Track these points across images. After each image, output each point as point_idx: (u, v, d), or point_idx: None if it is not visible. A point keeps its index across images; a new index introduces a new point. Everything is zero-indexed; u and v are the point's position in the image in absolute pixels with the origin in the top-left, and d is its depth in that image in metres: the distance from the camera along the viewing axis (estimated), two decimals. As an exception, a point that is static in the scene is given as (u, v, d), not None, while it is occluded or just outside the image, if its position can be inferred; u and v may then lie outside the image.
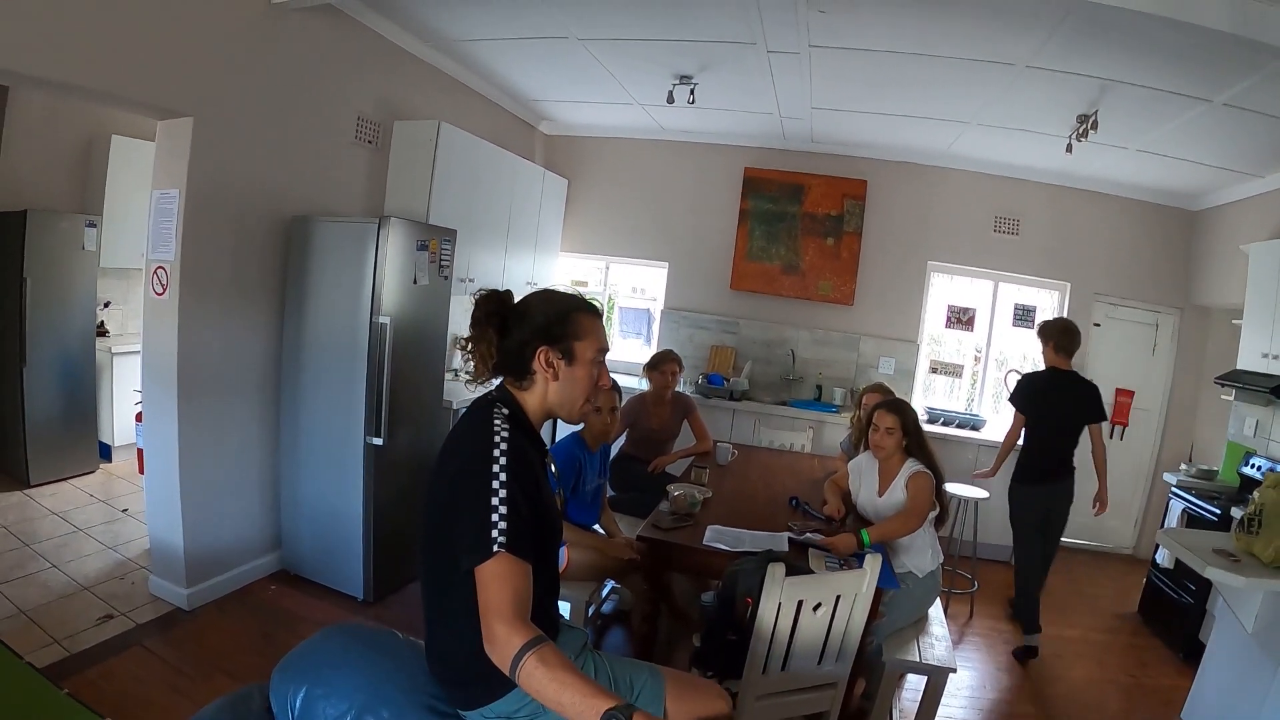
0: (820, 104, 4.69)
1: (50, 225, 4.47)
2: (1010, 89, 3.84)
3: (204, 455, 3.31)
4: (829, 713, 2.39)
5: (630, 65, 4.41)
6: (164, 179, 3.12)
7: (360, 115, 4.02)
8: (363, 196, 4.15)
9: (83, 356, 4.76)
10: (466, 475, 1.44)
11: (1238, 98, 3.39)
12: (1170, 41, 2.91)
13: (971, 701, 3.29)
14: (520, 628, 1.29)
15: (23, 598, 3.15)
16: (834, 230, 5.72)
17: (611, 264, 6.53)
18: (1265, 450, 4.15)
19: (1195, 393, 5.44)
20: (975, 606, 4.30)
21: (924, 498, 2.89)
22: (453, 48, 4.43)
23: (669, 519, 2.93)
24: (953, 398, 5.97)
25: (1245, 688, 2.78)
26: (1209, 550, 2.64)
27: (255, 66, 3.30)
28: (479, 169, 4.67)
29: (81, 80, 2.66)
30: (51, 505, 4.24)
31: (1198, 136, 4.05)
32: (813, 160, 5.76)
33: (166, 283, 3.12)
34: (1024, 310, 5.77)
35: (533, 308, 1.61)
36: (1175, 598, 4.00)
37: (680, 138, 5.98)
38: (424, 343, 3.75)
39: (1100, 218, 5.52)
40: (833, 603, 2.21)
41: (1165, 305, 5.55)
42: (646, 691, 1.71)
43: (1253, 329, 4.17)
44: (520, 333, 1.58)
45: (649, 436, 4.23)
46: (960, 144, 5.13)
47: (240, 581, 3.54)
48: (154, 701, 2.60)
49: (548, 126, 6.18)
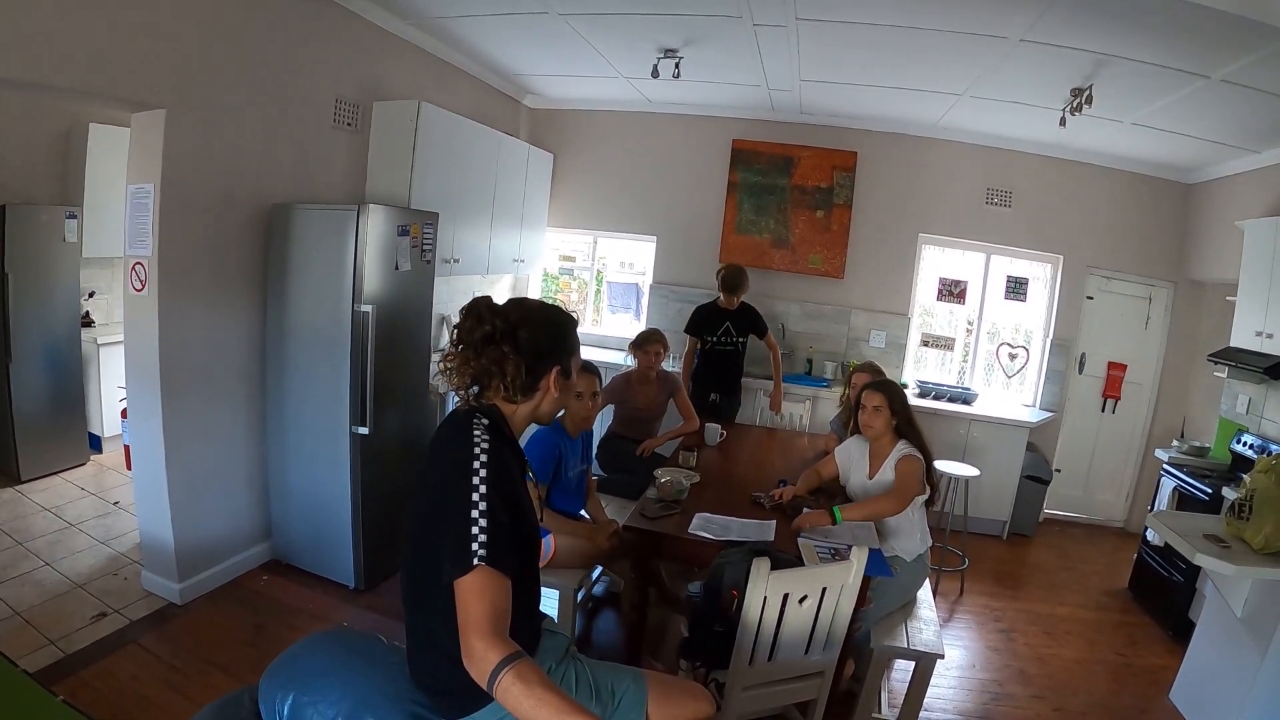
0: (808, 76, 4.60)
1: (30, 219, 4.39)
2: (1004, 62, 3.75)
3: (191, 449, 3.29)
4: (816, 701, 2.41)
5: (613, 39, 4.31)
6: (138, 173, 3.05)
7: (339, 98, 3.93)
8: (343, 181, 4.08)
9: (69, 349, 4.72)
10: (447, 487, 1.43)
11: (1235, 74, 3.32)
12: (1168, 17, 2.83)
13: (961, 681, 3.33)
14: (497, 643, 1.29)
15: (17, 598, 3.15)
16: (824, 203, 5.66)
17: (599, 238, 6.46)
18: (1258, 428, 4.14)
19: (1188, 367, 5.43)
20: (966, 584, 4.33)
21: (911, 482, 2.88)
22: (432, 25, 4.32)
23: (656, 506, 2.92)
24: (944, 371, 5.95)
25: (1233, 671, 2.82)
26: (1199, 535, 2.65)
27: (228, 53, 3.21)
28: (462, 147, 4.59)
29: (49, 79, 2.57)
30: (43, 501, 4.22)
31: (1194, 111, 3.97)
32: (802, 132, 5.66)
33: (145, 278, 3.06)
34: (1016, 282, 5.73)
35: (537, 326, 1.58)
36: (1166, 575, 4.02)
37: (667, 110, 5.88)
38: (408, 329, 3.72)
39: (1093, 190, 5.45)
40: (819, 594, 2.21)
41: (1159, 279, 5.52)
42: (628, 698, 1.72)
43: (1247, 306, 4.13)
44: (530, 353, 1.56)
45: (635, 416, 4.22)
46: (952, 116, 5.04)
47: (232, 573, 3.55)
48: (150, 699, 2.62)
49: (533, 100, 6.07)
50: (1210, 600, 3.18)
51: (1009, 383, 5.84)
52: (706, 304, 4.90)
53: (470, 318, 1.56)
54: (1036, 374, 5.71)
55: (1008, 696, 3.24)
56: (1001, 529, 5.23)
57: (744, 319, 4.81)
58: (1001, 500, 5.16)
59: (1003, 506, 5.18)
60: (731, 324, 4.78)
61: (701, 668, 2.40)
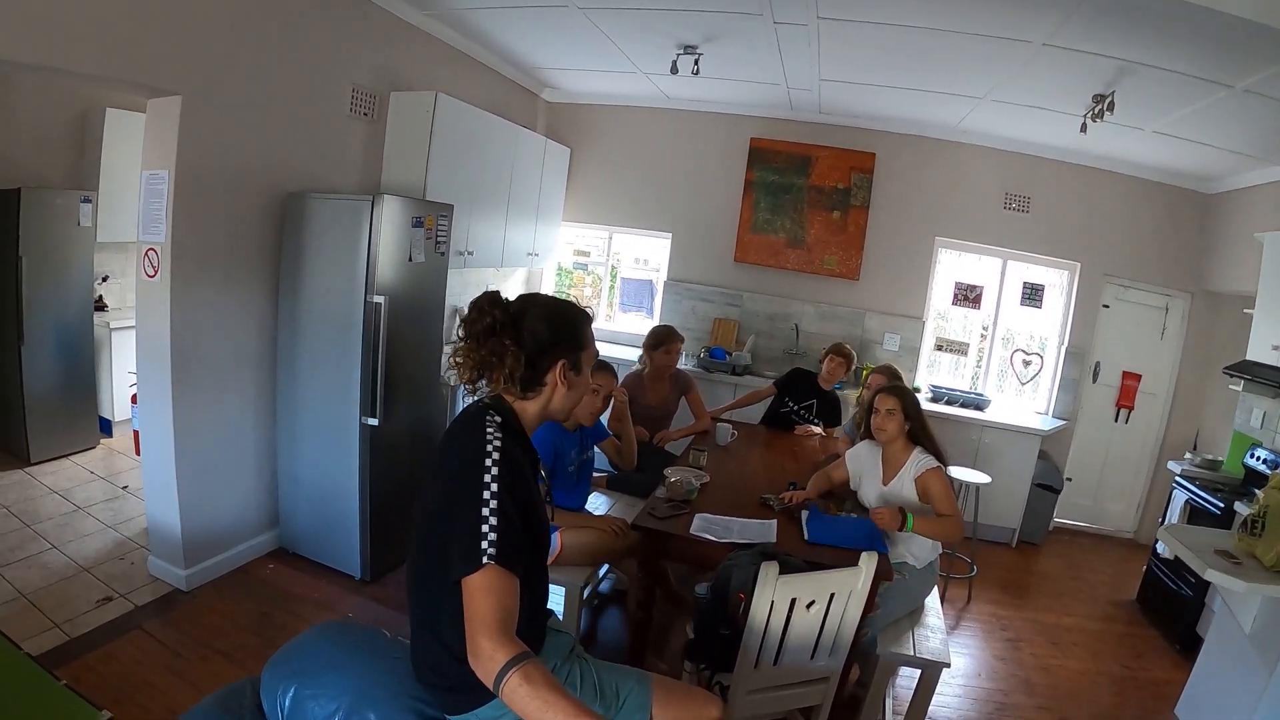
0: (829, 76, 4.56)
1: (45, 202, 4.40)
2: (1026, 67, 3.71)
3: (200, 436, 3.30)
4: (821, 706, 2.40)
5: (633, 34, 4.29)
6: (153, 160, 3.05)
7: (356, 87, 3.92)
8: (359, 171, 4.07)
9: (81, 332, 4.74)
10: (458, 485, 1.43)
11: (1260, 85, 3.27)
12: (1193, 26, 2.79)
13: (966, 690, 3.30)
14: (505, 643, 1.28)
15: (24, 580, 3.17)
16: (841, 203, 5.62)
17: (614, 234, 6.44)
18: (1272, 442, 4.09)
19: (1203, 378, 5.37)
20: (973, 591, 4.30)
21: (952, 499, 2.89)
22: (451, 15, 4.30)
23: (665, 506, 2.89)
24: (957, 376, 5.91)
25: (1240, 688, 2.79)
26: (1210, 551, 2.62)
27: (245, 40, 3.20)
28: (478, 139, 4.57)
29: (67, 63, 2.57)
30: (52, 483, 4.25)
31: (1216, 121, 3.92)
32: (820, 131, 5.62)
33: (158, 265, 3.07)
34: (1032, 289, 5.69)
35: (541, 319, 1.58)
36: (1174, 589, 3.98)
37: (685, 107, 5.85)
38: (420, 321, 3.71)
39: (1112, 197, 5.39)
40: (827, 600, 2.20)
41: (1175, 289, 5.45)
42: (632, 700, 1.71)
43: (1265, 320, 4.08)
44: (533, 345, 1.55)
45: (646, 414, 4.20)
46: (972, 119, 4.99)
47: (238, 561, 3.56)
48: (153, 684, 2.63)
49: (550, 94, 6.05)
50: (1219, 616, 3.15)
51: (1022, 390, 5.79)
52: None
53: (474, 309, 1.56)
54: (1050, 382, 5.66)
55: (1013, 707, 3.22)
56: (1011, 537, 5.20)
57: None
58: (1012, 508, 5.13)
59: (1013, 514, 5.14)
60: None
61: (706, 670, 2.38)
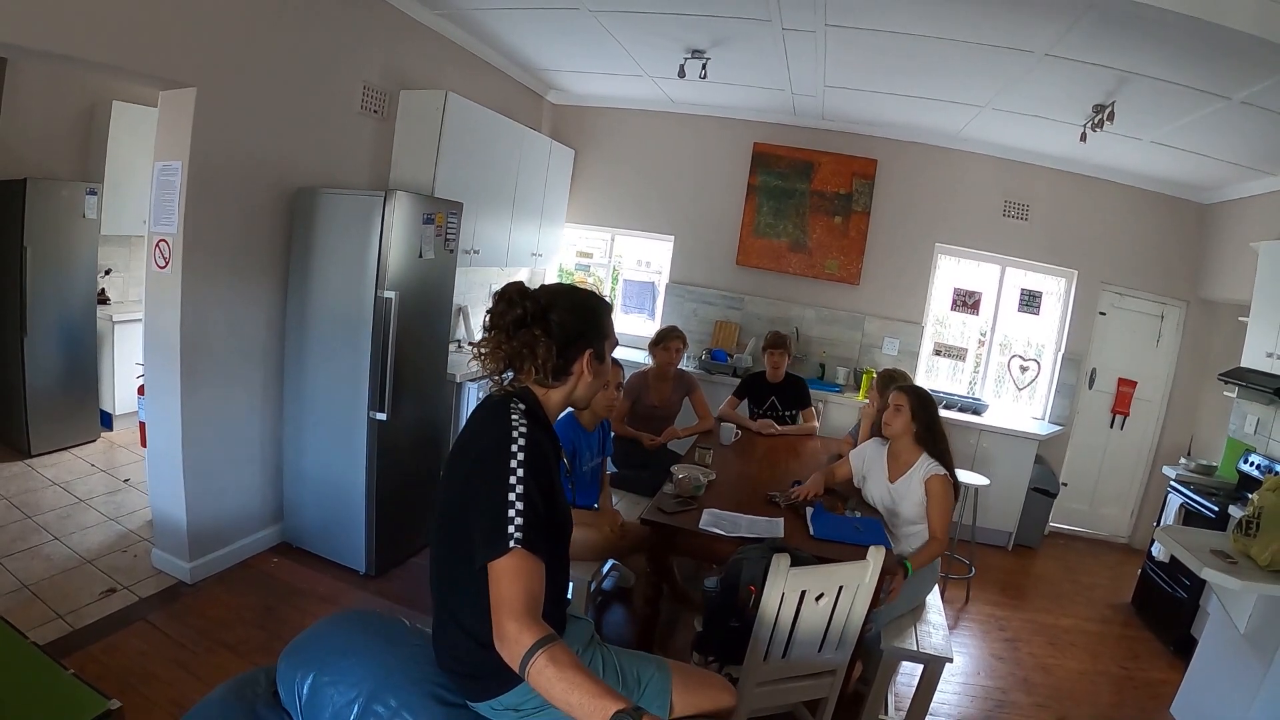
0: (833, 82, 4.61)
1: (50, 193, 4.40)
2: (1028, 75, 3.77)
3: (207, 429, 3.30)
4: (827, 699, 2.42)
5: (642, 38, 4.33)
6: (166, 151, 3.06)
7: (366, 85, 3.94)
8: (369, 167, 4.09)
9: (84, 325, 4.72)
10: (483, 470, 1.44)
11: (1256, 96, 3.33)
12: (1193, 37, 2.85)
13: (965, 688, 3.34)
14: (531, 625, 1.29)
15: (26, 571, 3.16)
16: (842, 209, 5.68)
17: (617, 236, 6.47)
18: (1265, 449, 4.15)
19: (1197, 385, 5.44)
20: (971, 592, 4.34)
21: (949, 511, 2.95)
22: (461, 16, 4.34)
23: (673, 502, 2.92)
24: (955, 381, 5.96)
25: (1235, 687, 2.83)
26: (1206, 551, 2.66)
27: (259, 35, 3.22)
28: (486, 139, 4.60)
29: (82, 52, 2.58)
30: (53, 476, 4.23)
31: (1213, 132, 3.98)
32: (823, 137, 5.68)
33: (169, 256, 3.07)
34: (1030, 295, 5.75)
35: (568, 309, 1.59)
36: (1169, 591, 4.03)
37: (689, 110, 5.90)
38: (429, 317, 3.73)
39: (1110, 206, 5.46)
40: (835, 593, 2.22)
41: (1171, 297, 5.53)
42: (653, 685, 1.73)
43: (1259, 328, 4.15)
44: (561, 336, 1.57)
45: (650, 413, 4.23)
46: (973, 127, 5.06)
47: (242, 555, 3.56)
48: (158, 676, 2.62)
49: (556, 96, 6.09)
50: (1214, 615, 3.19)
51: (1019, 395, 5.84)
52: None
53: (502, 301, 1.57)
54: (1047, 387, 5.71)
55: (1011, 704, 3.25)
56: (1007, 540, 5.24)
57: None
58: (1008, 511, 5.17)
59: (1009, 517, 5.19)
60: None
61: (714, 662, 2.40)
